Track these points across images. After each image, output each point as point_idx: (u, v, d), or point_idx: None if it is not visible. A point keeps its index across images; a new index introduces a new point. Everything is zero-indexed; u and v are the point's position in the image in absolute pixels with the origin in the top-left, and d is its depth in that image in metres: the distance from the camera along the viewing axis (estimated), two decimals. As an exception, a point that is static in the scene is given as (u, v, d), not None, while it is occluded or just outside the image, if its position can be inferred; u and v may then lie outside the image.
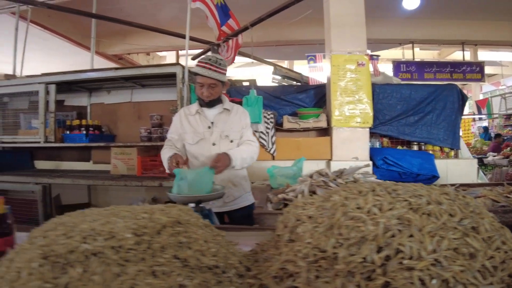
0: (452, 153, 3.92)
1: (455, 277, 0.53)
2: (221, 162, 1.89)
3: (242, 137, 2.19)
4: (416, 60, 9.90)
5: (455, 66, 6.87)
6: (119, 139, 3.93)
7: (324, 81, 3.88)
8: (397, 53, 8.82)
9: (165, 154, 2.02)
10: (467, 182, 2.34)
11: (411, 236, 0.60)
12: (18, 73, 4.27)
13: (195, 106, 2.18)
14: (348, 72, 3.52)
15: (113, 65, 8.20)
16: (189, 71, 2.99)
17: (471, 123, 12.25)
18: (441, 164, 3.65)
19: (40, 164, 4.30)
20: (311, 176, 1.81)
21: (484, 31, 6.92)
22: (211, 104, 2.11)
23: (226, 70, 2.07)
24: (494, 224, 0.68)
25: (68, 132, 3.59)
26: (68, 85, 3.73)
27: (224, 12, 3.30)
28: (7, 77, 3.83)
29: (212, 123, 2.13)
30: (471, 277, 0.54)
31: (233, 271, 0.72)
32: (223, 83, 2.10)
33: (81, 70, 3.35)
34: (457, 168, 3.72)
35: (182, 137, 2.16)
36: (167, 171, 2.02)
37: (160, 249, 0.70)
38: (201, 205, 1.76)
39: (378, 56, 3.72)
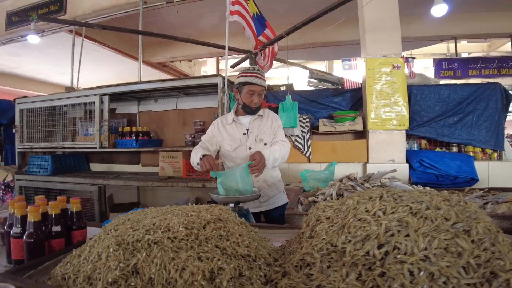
0: (495, 154, 3.77)
1: (441, 271, 0.65)
2: (260, 163, 2.04)
3: (275, 138, 2.37)
4: (463, 54, 9.49)
5: (503, 60, 6.38)
6: (166, 143, 4.26)
7: (360, 83, 3.92)
8: (441, 47, 8.46)
9: (198, 152, 2.18)
10: (509, 186, 2.29)
11: (407, 235, 0.72)
12: (75, 85, 4.80)
13: (231, 115, 2.39)
14: (384, 75, 3.53)
15: (157, 72, 8.73)
16: (229, 81, 3.20)
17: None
18: (482, 166, 3.54)
19: (95, 167, 4.77)
20: (341, 180, 1.92)
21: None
22: (256, 111, 2.31)
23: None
24: (490, 228, 0.78)
25: (120, 138, 3.97)
26: (119, 95, 4.11)
27: (261, 22, 3.47)
28: (67, 89, 4.31)
29: (247, 129, 2.33)
30: (455, 271, 0.65)
31: (262, 260, 0.89)
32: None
33: (131, 82, 3.70)
34: (500, 171, 3.58)
35: (220, 144, 2.37)
36: (195, 164, 2.18)
37: (205, 240, 0.90)
38: (239, 205, 1.95)
39: (413, 58, 3.69)
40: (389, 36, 3.57)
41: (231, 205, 1.93)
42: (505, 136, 3.81)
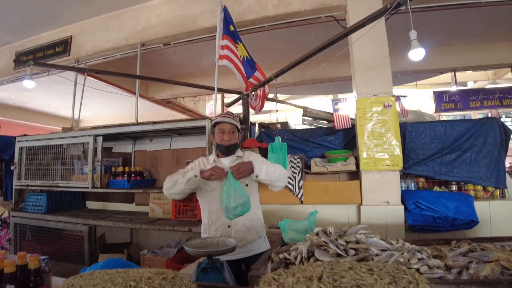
0: (498, 192, 3.61)
1: None
2: (242, 167, 2.08)
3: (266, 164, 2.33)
4: (468, 82, 9.44)
5: (505, 91, 6.30)
6: (159, 183, 4.25)
7: (351, 118, 3.88)
8: (445, 76, 8.44)
9: (186, 172, 2.18)
10: (505, 235, 2.16)
11: None
12: (77, 120, 4.91)
13: (212, 157, 2.39)
14: (375, 114, 3.49)
15: (162, 108, 8.90)
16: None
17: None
18: (483, 206, 3.37)
19: (91, 204, 4.76)
20: (317, 234, 1.84)
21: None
22: (230, 149, 2.31)
23: (239, 123, 2.36)
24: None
25: (113, 177, 3.97)
26: (115, 135, 4.15)
27: (251, 65, 3.52)
28: (64, 129, 4.39)
29: (227, 171, 2.29)
30: None
31: None
32: (239, 132, 2.35)
33: (124, 124, 3.76)
34: (503, 210, 3.38)
35: (201, 184, 2.32)
36: (190, 177, 2.12)
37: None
38: (214, 258, 1.87)
39: (405, 96, 3.66)
40: (379, 75, 3.56)
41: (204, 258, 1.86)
42: (506, 172, 3.68)
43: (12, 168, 4.81)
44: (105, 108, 10.00)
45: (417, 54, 2.30)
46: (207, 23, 4.41)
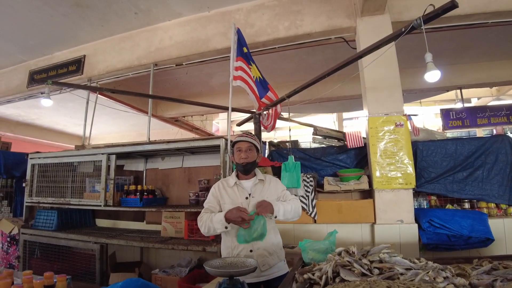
0: (511, 209, 3.60)
1: None
2: (264, 208, 2.13)
3: (285, 199, 2.41)
4: (472, 99, 9.49)
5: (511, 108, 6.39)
6: (171, 201, 4.26)
7: (363, 137, 3.91)
8: (450, 94, 8.53)
9: (212, 216, 2.21)
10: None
11: None
12: (87, 138, 4.96)
13: (232, 179, 2.40)
14: (387, 134, 3.53)
15: (169, 126, 8.99)
16: (230, 141, 3.26)
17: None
18: (498, 224, 3.36)
19: (101, 222, 4.76)
20: (339, 253, 1.84)
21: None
22: (247, 168, 2.33)
23: (258, 143, 2.41)
24: None
25: (125, 196, 3.98)
26: (127, 153, 4.19)
27: (263, 86, 3.59)
28: (77, 147, 4.44)
29: (249, 194, 2.32)
30: None
31: None
32: (257, 151, 2.39)
33: (138, 142, 3.80)
34: (518, 228, 3.37)
35: (222, 207, 2.35)
36: (218, 226, 2.17)
37: None
38: (235, 278, 1.87)
39: (416, 115, 3.70)
40: (390, 95, 3.62)
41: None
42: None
43: (24, 185, 4.83)
44: (113, 126, 10.13)
45: (433, 76, 2.36)
46: (219, 45, 4.52)
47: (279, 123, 4.35)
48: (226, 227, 2.14)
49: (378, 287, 0.90)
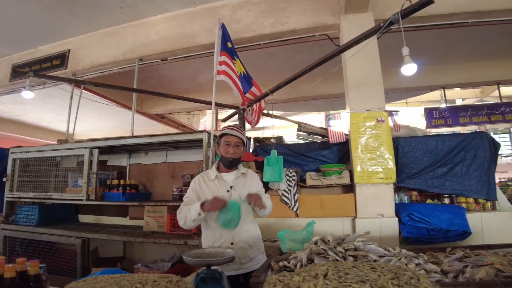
0: (489, 204, 3.68)
1: None
2: (257, 197, 2.19)
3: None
4: (457, 100, 9.70)
5: (492, 107, 6.54)
6: (155, 196, 4.24)
7: (345, 134, 3.96)
8: (435, 94, 8.67)
9: (190, 207, 2.18)
10: (496, 243, 2.22)
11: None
12: (71, 134, 4.90)
13: (213, 172, 2.39)
14: (368, 129, 3.58)
15: (156, 122, 8.92)
16: (214, 136, 3.26)
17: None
18: (475, 218, 3.44)
19: (84, 218, 4.70)
20: (316, 242, 1.87)
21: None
22: (233, 163, 2.34)
23: (245, 138, 2.41)
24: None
25: (108, 190, 3.95)
26: (110, 148, 4.16)
27: (247, 81, 3.61)
28: (60, 141, 4.38)
29: (231, 187, 2.32)
30: None
31: None
32: (243, 146, 2.38)
33: (121, 137, 3.77)
34: (494, 221, 3.46)
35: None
36: (194, 217, 2.14)
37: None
38: (212, 268, 1.87)
39: (397, 111, 3.76)
40: (372, 91, 3.67)
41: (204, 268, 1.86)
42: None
43: (4, 180, 4.74)
44: (99, 122, 10.00)
45: (409, 69, 2.40)
46: (205, 40, 4.52)
47: (266, 122, 4.37)
48: (199, 214, 2.11)
49: (344, 266, 0.93)
